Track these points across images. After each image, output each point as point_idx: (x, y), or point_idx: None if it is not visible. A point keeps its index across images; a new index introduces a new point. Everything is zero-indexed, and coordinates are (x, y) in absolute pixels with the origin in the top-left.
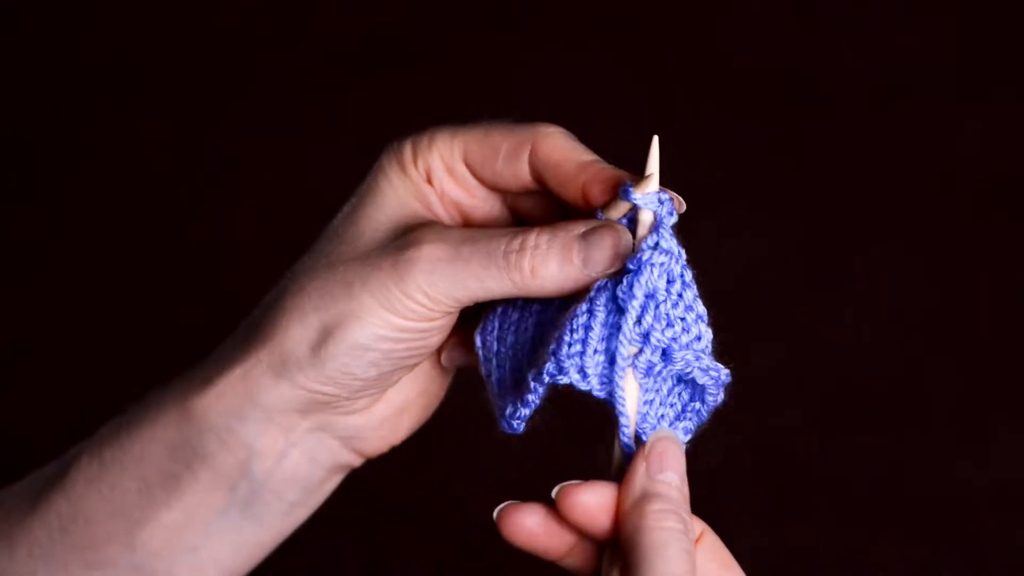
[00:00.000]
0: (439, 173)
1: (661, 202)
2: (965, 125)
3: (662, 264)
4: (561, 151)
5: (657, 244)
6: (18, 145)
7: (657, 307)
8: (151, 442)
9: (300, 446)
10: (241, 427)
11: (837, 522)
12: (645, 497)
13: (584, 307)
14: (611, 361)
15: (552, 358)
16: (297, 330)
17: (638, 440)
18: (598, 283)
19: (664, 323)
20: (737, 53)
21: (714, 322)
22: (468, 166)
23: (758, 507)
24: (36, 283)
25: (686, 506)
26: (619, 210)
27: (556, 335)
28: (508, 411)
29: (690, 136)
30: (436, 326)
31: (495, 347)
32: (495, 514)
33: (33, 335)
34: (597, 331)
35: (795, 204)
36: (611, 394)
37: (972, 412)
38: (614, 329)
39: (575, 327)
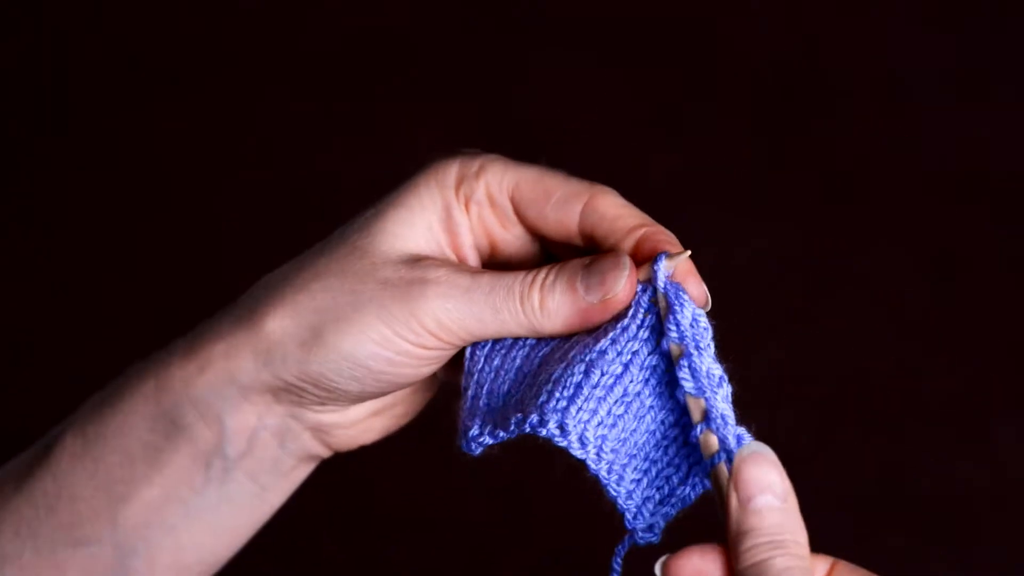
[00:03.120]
0: (480, 201)
1: (667, 289)
2: (965, 125)
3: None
4: (618, 208)
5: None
6: (18, 145)
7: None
8: (132, 414)
9: (271, 429)
10: (217, 402)
11: (836, 522)
12: (738, 536)
13: (581, 368)
14: (597, 424)
15: (536, 409)
16: (290, 324)
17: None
18: (600, 344)
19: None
20: (736, 52)
21: (714, 322)
22: (514, 203)
23: None
24: (36, 281)
25: (790, 523)
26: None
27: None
28: (473, 432)
29: (690, 136)
30: (433, 356)
31: (481, 364)
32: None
33: (33, 333)
34: (586, 392)
35: (794, 204)
36: (590, 459)
37: (972, 412)
38: (605, 391)
39: (567, 384)
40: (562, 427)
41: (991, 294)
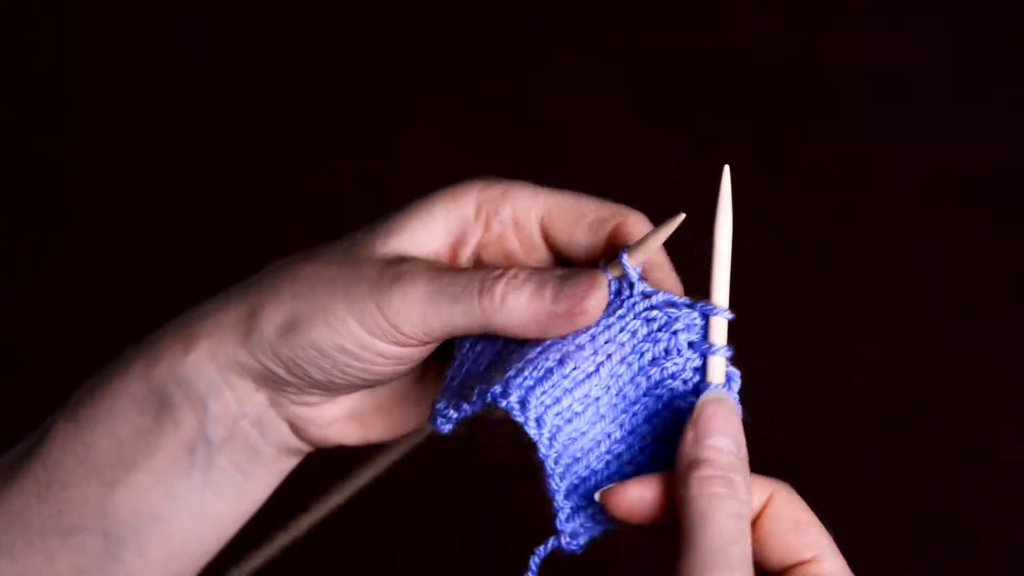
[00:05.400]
0: (504, 222)
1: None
2: (965, 125)
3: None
4: (642, 232)
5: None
6: (18, 144)
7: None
8: (122, 395)
9: (251, 418)
10: (200, 382)
11: (836, 522)
12: (691, 464)
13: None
14: (556, 413)
15: (502, 381)
16: (271, 310)
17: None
18: (579, 339)
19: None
20: (737, 52)
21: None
22: (544, 227)
23: None
24: (36, 281)
25: (742, 469)
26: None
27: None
28: (439, 406)
29: (689, 136)
30: (400, 354)
31: (465, 349)
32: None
33: (32, 334)
34: (555, 379)
35: (794, 204)
36: (541, 442)
37: (972, 412)
38: (574, 384)
39: (538, 367)
40: (523, 403)
41: (991, 294)
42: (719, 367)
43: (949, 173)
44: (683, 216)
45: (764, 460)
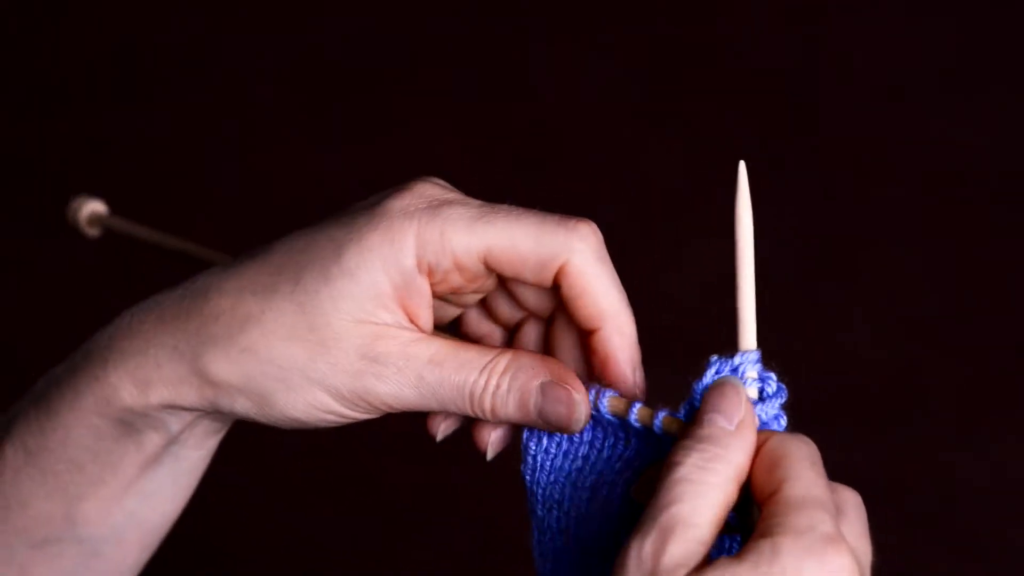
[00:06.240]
0: (448, 269)
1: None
2: (965, 125)
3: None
4: (587, 281)
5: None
6: (18, 143)
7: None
8: (75, 427)
9: (212, 417)
10: (162, 417)
11: None
12: (680, 438)
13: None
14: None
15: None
16: (236, 381)
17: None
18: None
19: None
20: (737, 51)
21: (714, 319)
22: (487, 265)
23: None
24: (35, 281)
25: (726, 440)
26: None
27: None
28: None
29: (689, 136)
30: (377, 416)
31: (543, 494)
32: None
33: (31, 335)
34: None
35: (794, 203)
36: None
37: (972, 412)
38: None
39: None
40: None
41: (991, 294)
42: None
43: (949, 173)
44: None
45: None
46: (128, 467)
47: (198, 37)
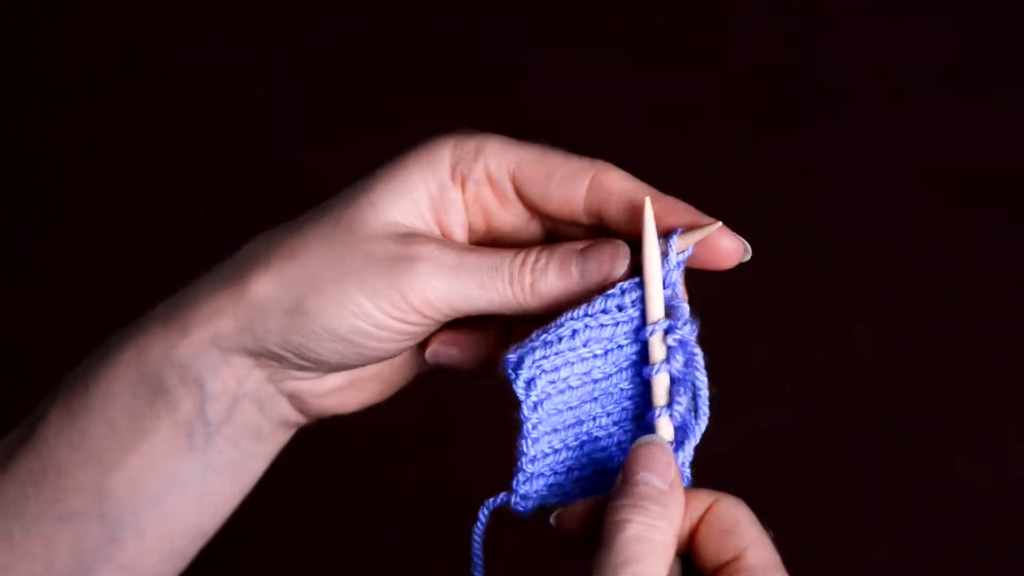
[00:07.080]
0: (478, 180)
1: (679, 265)
2: (965, 125)
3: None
4: (624, 182)
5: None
6: (17, 143)
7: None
8: (116, 381)
9: (251, 396)
10: (197, 365)
11: (836, 522)
12: (612, 496)
13: (568, 329)
14: (549, 381)
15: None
16: (273, 290)
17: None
18: (601, 320)
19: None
20: (737, 51)
21: (714, 319)
22: (515, 182)
23: (756, 507)
24: (35, 281)
25: (662, 498)
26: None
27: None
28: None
29: (689, 136)
30: (415, 331)
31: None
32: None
33: (31, 334)
34: (562, 348)
35: (794, 203)
36: (526, 403)
37: (973, 412)
38: (577, 359)
39: (551, 333)
40: (519, 363)
41: (991, 294)
42: (661, 387)
43: (949, 173)
44: (720, 224)
45: (763, 460)
46: (159, 433)
47: (198, 37)
